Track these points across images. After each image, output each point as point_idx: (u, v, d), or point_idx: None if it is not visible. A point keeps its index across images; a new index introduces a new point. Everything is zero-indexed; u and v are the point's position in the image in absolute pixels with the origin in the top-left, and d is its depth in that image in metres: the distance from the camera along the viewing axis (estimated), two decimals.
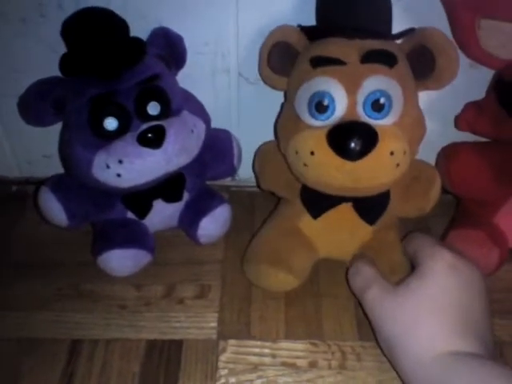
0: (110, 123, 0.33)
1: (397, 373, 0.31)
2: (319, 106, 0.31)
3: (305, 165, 0.32)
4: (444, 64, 0.31)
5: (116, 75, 0.33)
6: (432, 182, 0.37)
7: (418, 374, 0.28)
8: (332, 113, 0.31)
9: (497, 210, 0.39)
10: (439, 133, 0.40)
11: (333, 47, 0.32)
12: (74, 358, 0.35)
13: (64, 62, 0.33)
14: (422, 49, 0.31)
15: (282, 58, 0.34)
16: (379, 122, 0.31)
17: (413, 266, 0.33)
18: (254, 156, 0.40)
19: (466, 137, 0.40)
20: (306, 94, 0.32)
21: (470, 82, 0.37)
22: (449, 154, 0.40)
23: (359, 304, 0.35)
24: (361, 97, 0.31)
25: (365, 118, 0.31)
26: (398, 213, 0.38)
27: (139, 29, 0.35)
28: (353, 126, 0.30)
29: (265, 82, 0.36)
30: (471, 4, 0.32)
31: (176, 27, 0.36)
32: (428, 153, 0.42)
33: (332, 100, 0.31)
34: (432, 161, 0.42)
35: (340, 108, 0.31)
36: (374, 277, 0.33)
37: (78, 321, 0.37)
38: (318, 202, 0.36)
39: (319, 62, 0.32)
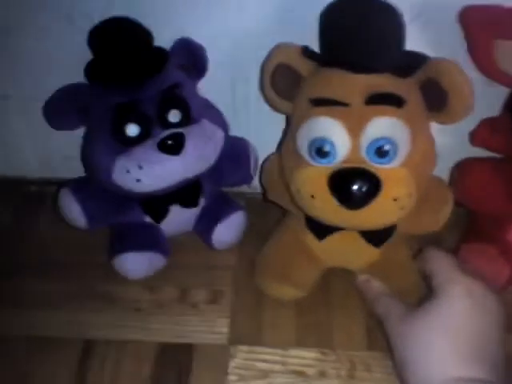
0: (132, 130, 0.34)
1: None
2: (320, 152, 0.30)
3: (305, 205, 0.32)
4: (457, 104, 0.30)
5: (139, 83, 0.34)
6: (443, 203, 0.36)
7: None
8: (334, 157, 0.30)
9: (510, 226, 0.39)
10: (453, 148, 0.41)
11: (336, 86, 0.30)
12: (86, 358, 0.35)
13: (90, 69, 0.34)
14: (436, 84, 0.30)
15: (285, 81, 0.33)
16: (384, 167, 0.30)
17: (428, 285, 0.33)
18: (261, 168, 0.41)
19: (480, 152, 0.40)
20: (307, 137, 0.31)
21: (485, 98, 0.37)
22: (463, 169, 0.41)
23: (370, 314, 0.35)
24: (364, 141, 0.30)
25: (369, 162, 0.30)
26: (406, 232, 0.38)
27: (163, 38, 0.36)
28: (354, 174, 0.29)
29: (268, 104, 0.36)
30: (488, 25, 0.32)
31: (199, 37, 0.36)
32: (441, 167, 0.42)
33: (333, 146, 0.30)
34: (445, 175, 0.42)
35: (342, 153, 0.30)
36: (393, 304, 0.33)
37: (91, 321, 0.37)
38: (322, 226, 0.35)
39: (321, 104, 0.31)
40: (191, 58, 0.36)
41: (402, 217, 0.32)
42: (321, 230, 0.36)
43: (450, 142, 0.41)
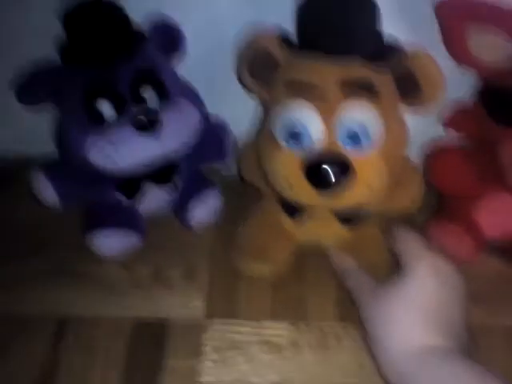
0: (105, 107, 0.33)
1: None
2: (294, 135, 0.31)
3: (283, 189, 0.33)
4: (430, 94, 0.31)
5: (114, 63, 0.33)
6: (415, 186, 0.38)
7: (395, 369, 0.29)
8: (308, 141, 0.31)
9: (476, 206, 0.40)
10: (422, 130, 0.41)
11: (312, 72, 0.31)
12: (61, 336, 0.35)
13: (62, 50, 0.34)
14: (410, 75, 0.30)
15: (262, 68, 0.33)
16: (357, 152, 0.31)
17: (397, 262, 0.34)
18: (237, 151, 0.41)
19: (450, 135, 0.41)
20: (281, 121, 0.31)
21: (456, 81, 0.38)
22: (434, 151, 0.42)
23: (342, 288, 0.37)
24: (338, 126, 0.30)
25: (342, 147, 0.30)
26: (381, 213, 0.39)
27: (139, 18, 0.35)
28: (328, 159, 0.30)
29: (245, 89, 0.36)
30: (462, 12, 0.33)
31: (176, 17, 0.36)
32: (411, 149, 0.43)
33: (307, 129, 0.30)
34: (414, 154, 0.43)
35: (316, 137, 0.30)
36: (363, 278, 0.35)
37: (65, 299, 0.37)
38: (296, 207, 0.36)
39: (295, 87, 0.31)
40: (168, 38, 0.36)
41: (374, 200, 0.33)
42: (295, 211, 0.37)
43: (420, 124, 0.42)
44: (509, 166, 0.35)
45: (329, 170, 0.30)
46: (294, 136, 0.31)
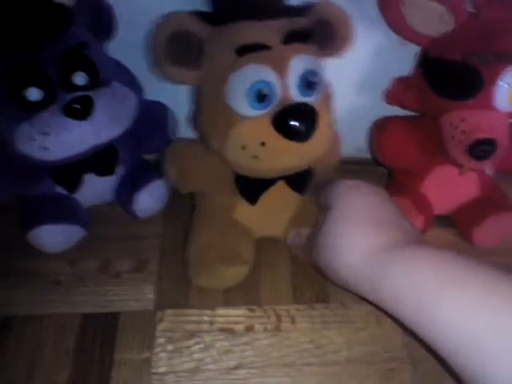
0: (33, 93, 0.31)
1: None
2: (260, 96, 0.30)
3: (255, 157, 0.32)
4: (345, 34, 0.34)
5: (38, 44, 0.31)
6: (338, 143, 0.40)
7: (358, 278, 0.28)
8: (271, 100, 0.31)
9: (423, 179, 0.41)
10: (370, 107, 0.42)
11: (253, 32, 0.31)
12: (5, 335, 0.34)
13: None
14: (323, 23, 0.33)
15: (183, 49, 0.31)
16: (311, 100, 0.32)
17: None
18: (166, 160, 0.37)
19: (397, 111, 0.41)
20: (242, 85, 0.31)
21: (400, 58, 0.39)
22: (379, 127, 0.42)
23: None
24: (292, 78, 0.31)
25: (299, 98, 0.31)
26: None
27: None
28: (296, 109, 0.31)
29: (167, 79, 0.32)
30: None
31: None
32: (360, 126, 0.43)
33: (270, 88, 0.31)
34: (363, 134, 0.44)
35: (277, 94, 0.31)
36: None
37: (8, 297, 0.36)
38: (254, 187, 0.36)
39: (245, 50, 0.30)
40: (97, 16, 0.34)
41: (329, 144, 0.34)
42: (254, 191, 0.37)
43: (367, 101, 0.42)
44: (449, 138, 0.36)
45: (301, 117, 0.31)
46: (260, 98, 0.31)
